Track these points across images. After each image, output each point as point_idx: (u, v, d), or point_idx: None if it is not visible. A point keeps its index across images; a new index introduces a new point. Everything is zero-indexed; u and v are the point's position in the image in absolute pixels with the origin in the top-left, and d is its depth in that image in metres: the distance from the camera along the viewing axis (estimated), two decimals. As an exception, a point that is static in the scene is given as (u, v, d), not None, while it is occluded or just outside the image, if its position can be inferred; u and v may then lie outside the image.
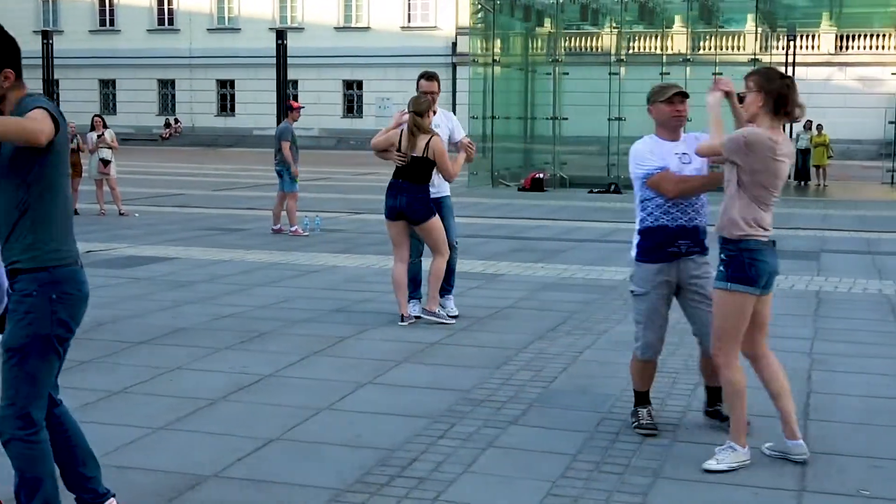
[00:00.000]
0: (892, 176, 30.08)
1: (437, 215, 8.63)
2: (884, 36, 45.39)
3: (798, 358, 7.42)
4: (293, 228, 15.57)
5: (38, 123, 3.73)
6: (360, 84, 51.71)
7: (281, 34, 37.41)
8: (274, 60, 42.03)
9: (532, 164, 30.43)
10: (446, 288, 8.90)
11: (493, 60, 28.07)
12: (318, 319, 8.78)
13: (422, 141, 8.43)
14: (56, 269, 3.95)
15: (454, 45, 49.95)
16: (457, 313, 8.83)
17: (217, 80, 53.40)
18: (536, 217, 19.40)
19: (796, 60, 30.43)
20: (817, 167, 30.21)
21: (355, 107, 51.98)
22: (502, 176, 28.43)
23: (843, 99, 43.35)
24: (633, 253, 5.74)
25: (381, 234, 15.70)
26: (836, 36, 45.57)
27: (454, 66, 49.91)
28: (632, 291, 5.77)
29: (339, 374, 6.96)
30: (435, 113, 8.79)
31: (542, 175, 27.16)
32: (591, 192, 26.15)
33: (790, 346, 7.72)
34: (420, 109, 8.47)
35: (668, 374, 7.01)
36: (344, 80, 51.65)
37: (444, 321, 8.53)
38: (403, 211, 8.51)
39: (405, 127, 8.52)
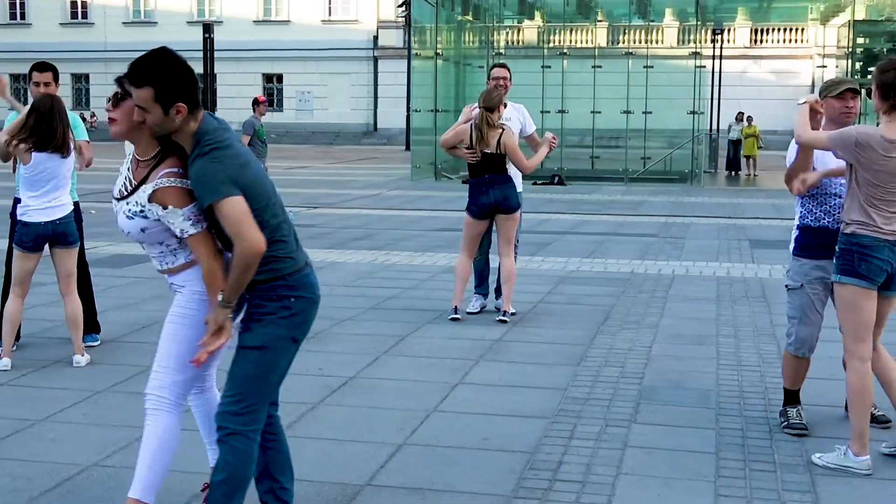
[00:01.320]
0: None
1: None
2: (796, 29, 46.47)
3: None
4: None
5: (243, 257, 3.67)
6: (280, 77, 51.09)
7: (207, 27, 36.74)
8: (192, 54, 41.15)
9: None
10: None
11: (437, 53, 27.91)
12: (360, 318, 8.57)
13: (493, 137, 8.26)
14: (291, 276, 3.87)
15: (376, 38, 49.66)
16: (514, 311, 8.67)
17: (133, 74, 52.19)
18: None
19: (715, 53, 30.95)
20: (748, 157, 30.80)
21: (276, 100, 51.25)
22: (444, 169, 28.32)
23: (758, 91, 44.14)
24: (791, 247, 5.64)
25: (358, 229, 15.54)
26: (751, 29, 46.53)
27: (376, 59, 49.68)
28: (786, 286, 5.66)
29: (422, 374, 6.78)
30: (505, 106, 8.62)
31: (485, 168, 27.07)
32: (535, 184, 26.18)
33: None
34: (491, 105, 8.27)
35: (750, 369, 6.99)
36: (264, 74, 50.99)
37: (507, 319, 8.41)
38: (498, 204, 8.37)
39: (474, 122, 8.33)
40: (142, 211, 3.85)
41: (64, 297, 7.06)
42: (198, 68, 30.12)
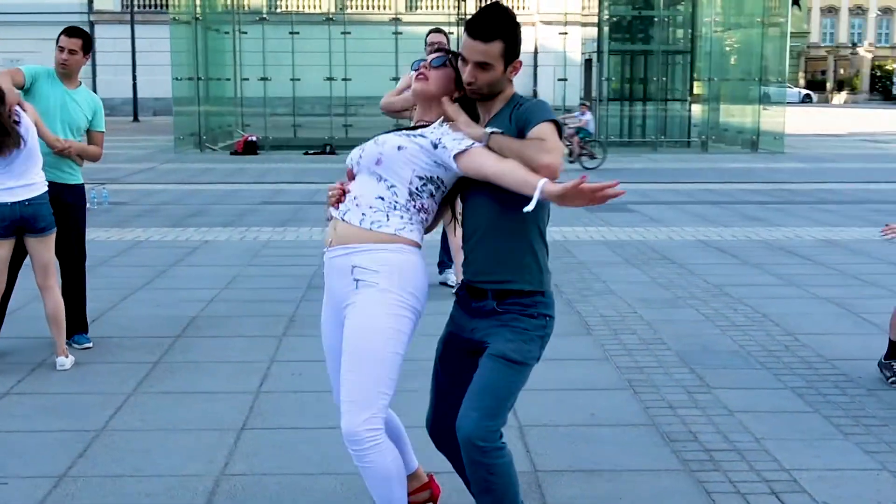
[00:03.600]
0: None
1: None
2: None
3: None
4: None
5: (548, 170, 3.25)
6: (-14, 45, 47.36)
7: None
8: None
9: (228, 126, 29.47)
10: (447, 263, 8.63)
11: (196, 18, 26.76)
12: (315, 299, 8.17)
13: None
14: (547, 293, 3.61)
15: (91, 2, 47.09)
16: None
17: None
18: (289, 182, 18.84)
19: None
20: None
21: (-19, 69, 47.50)
22: (207, 140, 27.32)
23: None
24: None
25: (179, 206, 14.81)
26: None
27: (92, 24, 47.10)
28: None
29: (453, 353, 6.58)
30: None
31: (254, 138, 26.36)
32: (306, 153, 25.79)
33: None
34: None
35: (749, 328, 7.25)
36: (-35, 41, 47.05)
37: None
38: None
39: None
40: (420, 133, 3.53)
41: (42, 291, 6.28)
42: None
